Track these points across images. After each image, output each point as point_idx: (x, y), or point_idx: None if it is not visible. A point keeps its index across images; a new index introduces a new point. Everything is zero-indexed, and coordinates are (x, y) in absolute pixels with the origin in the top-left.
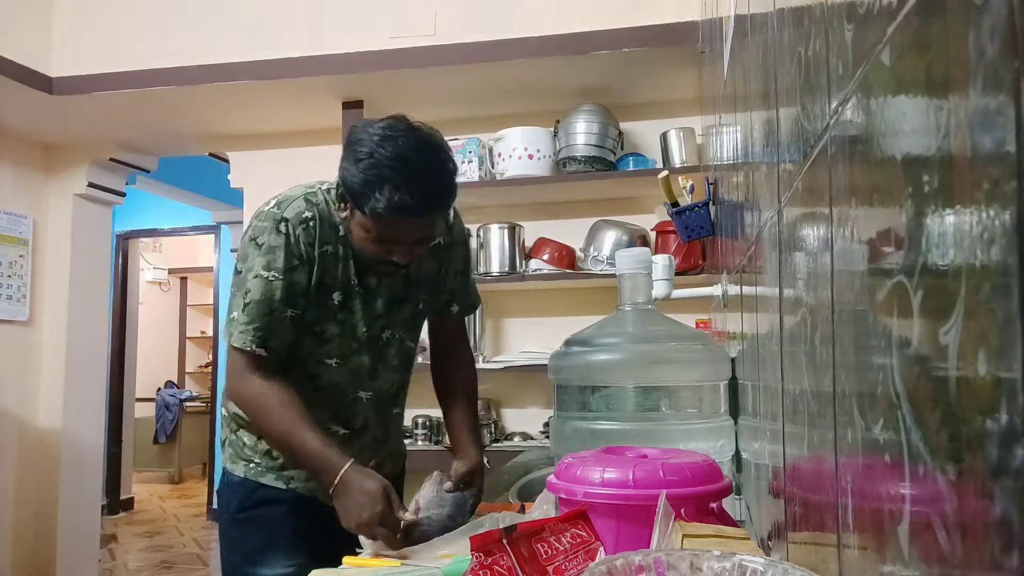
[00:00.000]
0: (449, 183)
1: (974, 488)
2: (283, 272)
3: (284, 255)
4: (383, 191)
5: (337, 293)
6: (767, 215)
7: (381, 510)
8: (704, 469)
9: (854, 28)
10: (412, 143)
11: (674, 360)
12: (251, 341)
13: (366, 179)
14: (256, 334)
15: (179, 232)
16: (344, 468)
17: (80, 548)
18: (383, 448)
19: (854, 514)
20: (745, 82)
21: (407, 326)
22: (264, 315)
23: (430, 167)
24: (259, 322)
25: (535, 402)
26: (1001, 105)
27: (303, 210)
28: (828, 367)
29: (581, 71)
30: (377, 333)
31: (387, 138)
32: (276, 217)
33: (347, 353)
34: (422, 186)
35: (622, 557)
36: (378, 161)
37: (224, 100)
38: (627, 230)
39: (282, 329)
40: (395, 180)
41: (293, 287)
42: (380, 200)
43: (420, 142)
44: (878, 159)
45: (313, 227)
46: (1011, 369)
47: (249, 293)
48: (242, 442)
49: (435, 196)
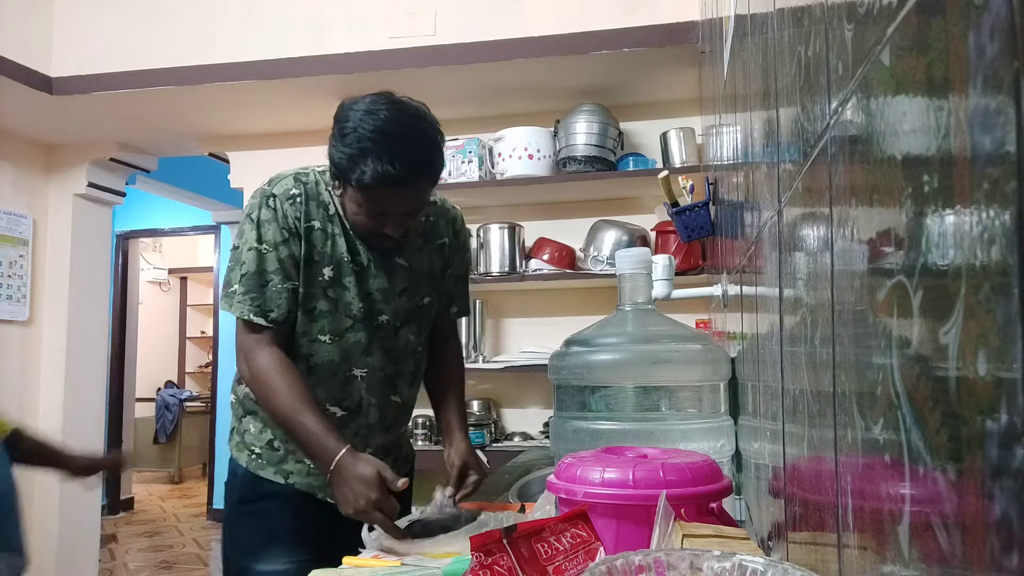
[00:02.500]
0: (432, 151)
1: (974, 488)
2: (274, 244)
3: (275, 228)
4: (367, 163)
5: (328, 268)
6: (767, 215)
7: (376, 497)
8: (704, 469)
9: (854, 28)
10: (394, 115)
11: (674, 360)
12: (249, 310)
13: (351, 153)
14: (253, 303)
15: (179, 232)
16: (340, 454)
17: (80, 548)
18: (380, 438)
19: (854, 514)
20: (745, 82)
21: (408, 316)
22: (260, 286)
23: (412, 137)
24: (255, 292)
25: (535, 402)
26: (1001, 105)
27: (291, 187)
28: (828, 367)
29: (581, 71)
30: (373, 312)
31: (370, 111)
32: (266, 193)
33: (340, 330)
34: (405, 156)
35: (622, 557)
36: (361, 135)
37: (224, 100)
38: (627, 230)
39: (278, 299)
40: (377, 152)
41: (287, 259)
42: (365, 172)
43: (402, 114)
44: (878, 159)
45: (300, 202)
46: (1011, 369)
47: (244, 265)
48: (247, 429)
49: (419, 165)
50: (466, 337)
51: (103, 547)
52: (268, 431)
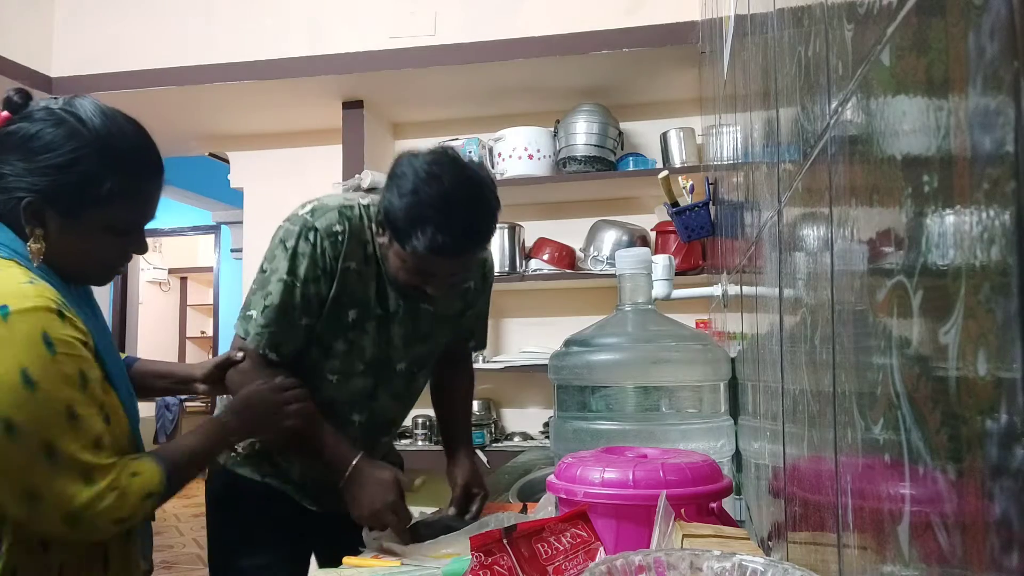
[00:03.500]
0: (490, 223)
1: (974, 488)
2: (305, 281)
3: (308, 263)
4: (425, 231)
5: (353, 311)
6: (767, 215)
7: (394, 500)
8: (704, 469)
9: (854, 28)
10: (456, 181)
11: (674, 360)
12: (265, 344)
13: (409, 216)
14: (271, 338)
15: (179, 232)
16: (356, 458)
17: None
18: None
19: (854, 514)
20: (745, 82)
21: (423, 363)
22: (281, 319)
23: (473, 208)
24: (275, 326)
25: (535, 402)
26: (1001, 105)
27: (334, 223)
28: (828, 367)
29: (581, 71)
30: (386, 360)
31: (432, 176)
32: (308, 225)
33: (349, 372)
34: (464, 227)
35: (622, 557)
36: (421, 200)
37: (224, 100)
38: (627, 230)
39: (295, 336)
40: (437, 220)
41: (313, 297)
42: (421, 240)
43: (466, 181)
44: (878, 159)
45: (341, 241)
46: (1011, 369)
47: (270, 296)
48: None
49: (476, 237)
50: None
51: None
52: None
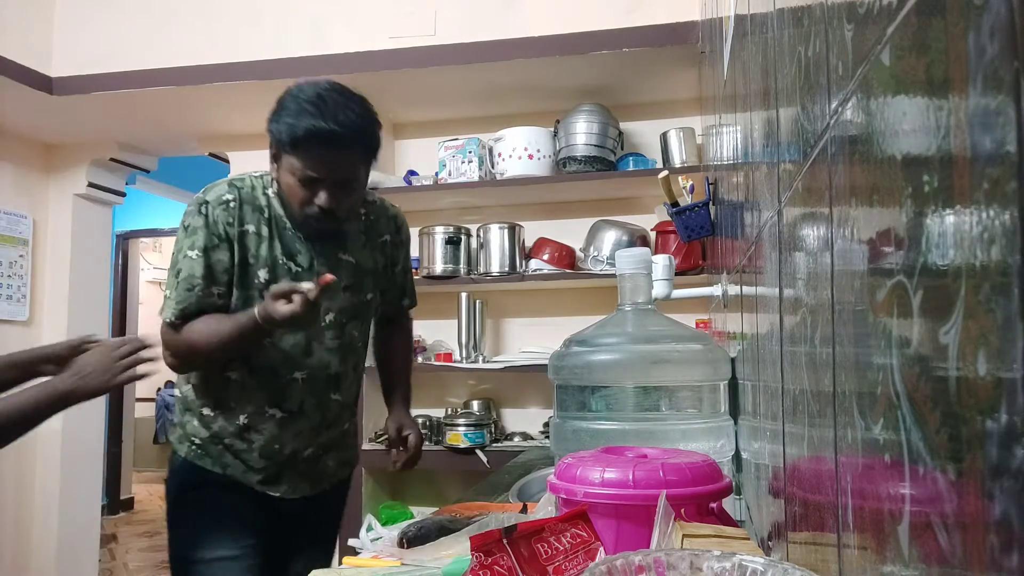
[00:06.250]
0: (370, 122)
1: (974, 488)
2: (203, 251)
3: (205, 234)
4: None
5: (263, 271)
6: (767, 215)
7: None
8: (704, 469)
9: (854, 28)
10: (331, 86)
11: (674, 360)
12: (172, 313)
13: (288, 118)
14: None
15: None
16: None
17: (80, 548)
18: (322, 436)
19: (854, 514)
20: (745, 82)
21: (350, 313)
22: (187, 290)
23: (348, 104)
24: (186, 301)
25: (535, 402)
26: (1001, 105)
27: (224, 192)
28: (828, 367)
29: (581, 71)
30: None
31: (308, 83)
32: (199, 200)
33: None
34: (339, 117)
35: (622, 557)
36: (299, 101)
37: (224, 100)
38: (627, 230)
39: (206, 306)
40: (313, 112)
41: (216, 264)
42: (300, 126)
43: (340, 87)
44: (878, 159)
45: (233, 207)
46: (1011, 369)
47: (180, 273)
48: (188, 422)
49: (355, 128)
50: (466, 337)
51: (103, 547)
52: (207, 427)
